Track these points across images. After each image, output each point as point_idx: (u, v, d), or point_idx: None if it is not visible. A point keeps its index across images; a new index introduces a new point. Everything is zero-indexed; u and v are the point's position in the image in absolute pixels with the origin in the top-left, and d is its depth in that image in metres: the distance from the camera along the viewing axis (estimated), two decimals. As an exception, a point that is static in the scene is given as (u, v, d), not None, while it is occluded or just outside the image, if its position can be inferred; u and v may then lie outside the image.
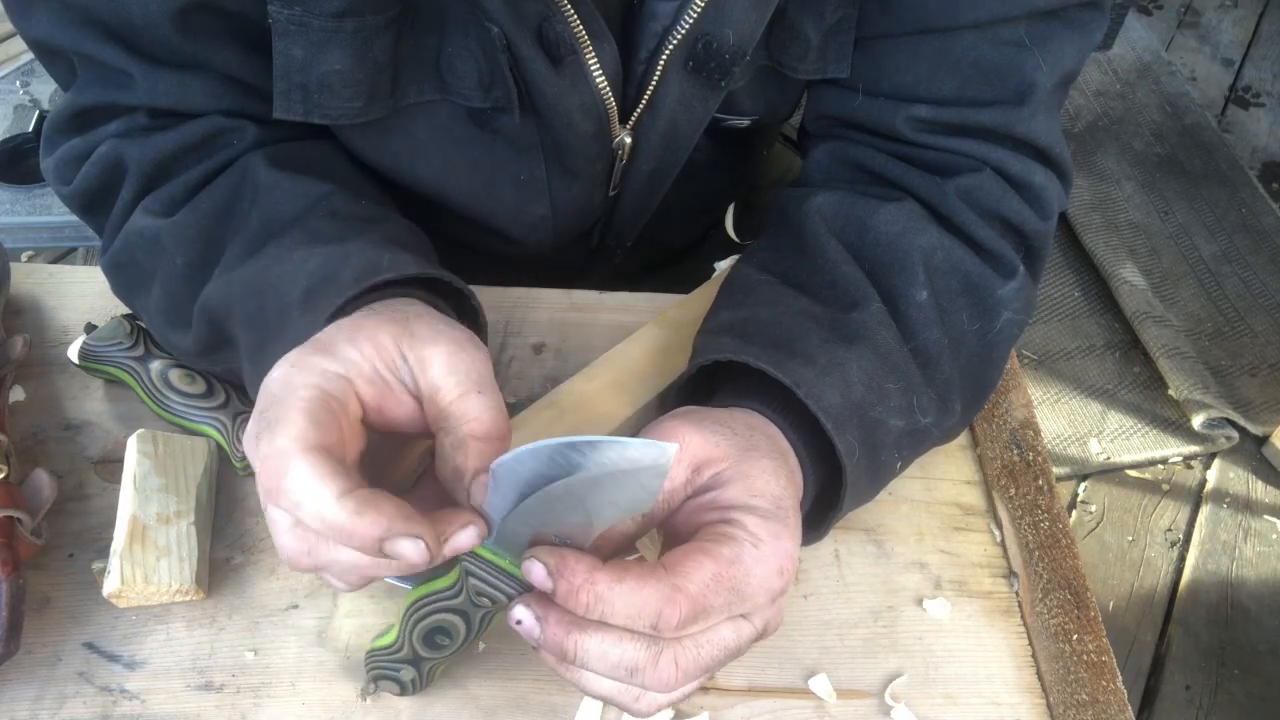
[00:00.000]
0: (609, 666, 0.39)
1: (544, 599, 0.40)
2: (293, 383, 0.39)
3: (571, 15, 0.54)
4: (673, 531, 0.45)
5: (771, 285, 0.57)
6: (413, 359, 0.42)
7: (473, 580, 0.42)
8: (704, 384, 0.54)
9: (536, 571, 0.39)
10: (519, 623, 0.40)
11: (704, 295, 0.66)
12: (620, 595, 0.38)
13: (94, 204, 0.58)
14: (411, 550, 0.37)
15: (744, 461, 0.44)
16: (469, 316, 0.54)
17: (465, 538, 0.39)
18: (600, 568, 0.39)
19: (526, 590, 0.42)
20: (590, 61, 0.56)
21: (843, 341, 0.51)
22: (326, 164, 0.59)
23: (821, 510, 0.51)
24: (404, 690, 0.48)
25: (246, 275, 0.50)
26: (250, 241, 0.52)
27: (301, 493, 0.37)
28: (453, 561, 0.42)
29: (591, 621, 0.39)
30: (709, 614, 0.40)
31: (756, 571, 0.40)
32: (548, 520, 0.39)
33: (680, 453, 0.43)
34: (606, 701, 0.43)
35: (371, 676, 0.48)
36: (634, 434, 0.43)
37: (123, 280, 0.58)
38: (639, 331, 0.64)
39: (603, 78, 0.58)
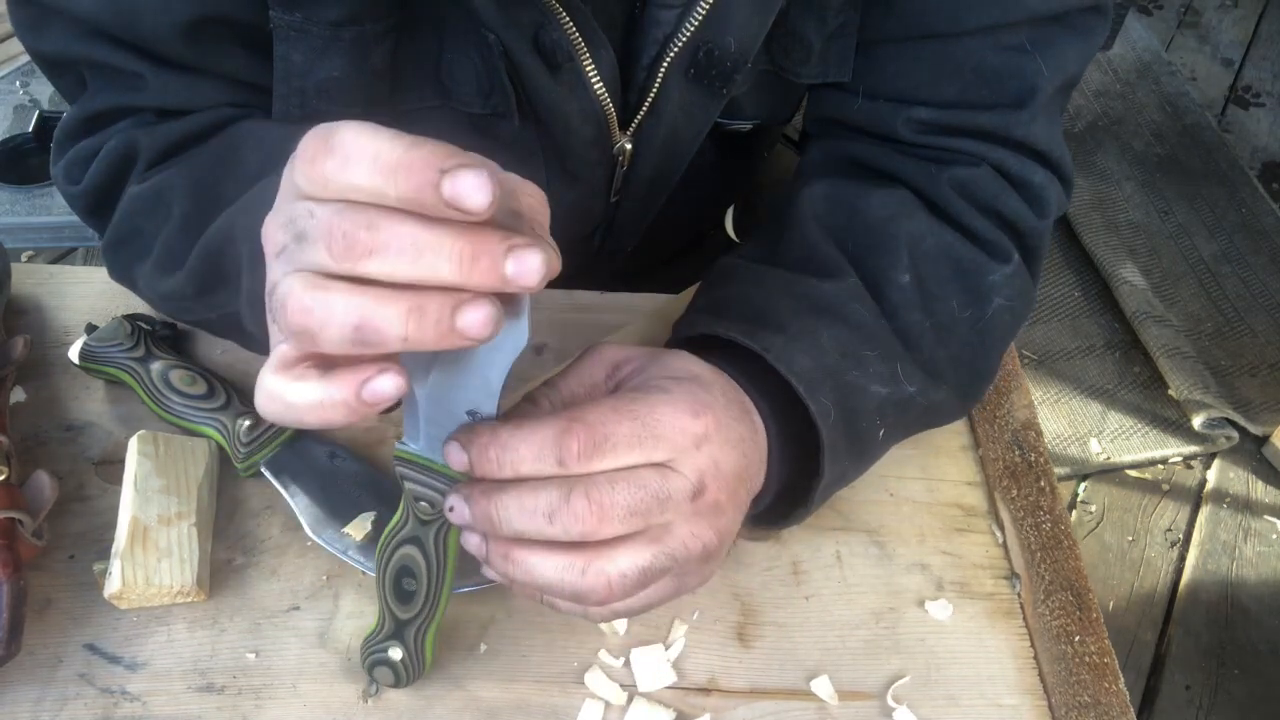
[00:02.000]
0: (527, 517, 0.39)
1: (469, 484, 0.41)
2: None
3: (567, 22, 0.54)
4: None
5: (747, 266, 0.57)
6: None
7: (409, 486, 0.42)
8: None
9: (454, 451, 0.40)
10: (451, 509, 0.41)
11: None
12: (522, 438, 0.39)
13: (102, 201, 0.58)
14: (474, 183, 0.30)
15: (660, 354, 0.46)
16: None
17: (531, 261, 0.32)
18: (502, 423, 0.39)
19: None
20: (588, 68, 0.56)
21: (814, 311, 0.52)
22: None
23: (804, 481, 0.51)
24: (399, 677, 0.48)
25: (245, 200, 0.49)
26: (249, 180, 0.50)
27: (351, 143, 0.31)
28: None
29: (507, 481, 0.40)
30: (614, 444, 0.39)
31: (664, 410, 0.40)
32: (454, 398, 0.40)
33: (598, 355, 0.46)
34: (556, 593, 0.41)
35: (365, 668, 0.48)
36: None
37: (123, 257, 0.58)
38: (630, 326, 0.64)
39: (601, 84, 0.58)
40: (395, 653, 0.48)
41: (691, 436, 0.41)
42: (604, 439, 0.39)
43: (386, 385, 0.33)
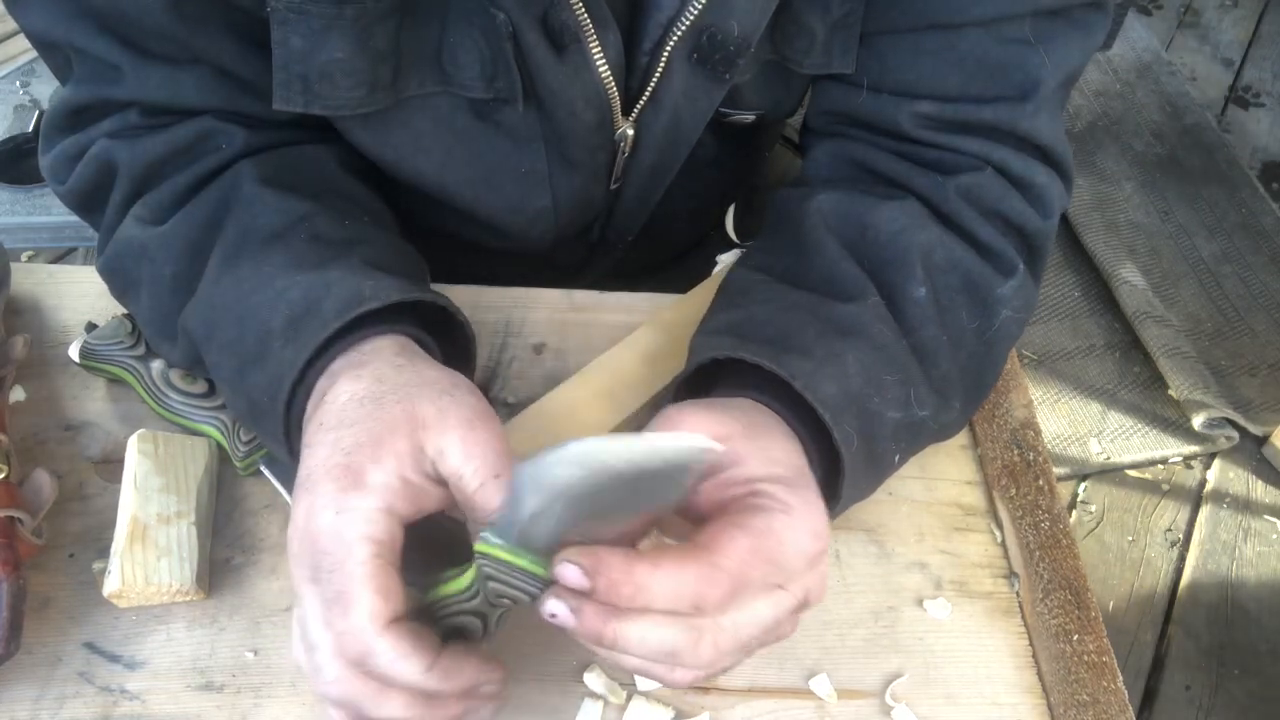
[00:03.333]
0: (649, 651, 0.39)
1: (576, 598, 0.40)
2: (345, 537, 0.40)
3: (577, 2, 0.54)
4: (694, 512, 0.45)
5: (768, 284, 0.57)
6: (431, 450, 0.43)
7: (492, 584, 0.41)
8: (701, 385, 0.54)
9: (570, 574, 0.38)
10: (553, 615, 0.40)
11: (699, 296, 0.66)
12: (660, 581, 0.38)
13: (90, 202, 0.58)
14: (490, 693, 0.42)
15: (756, 435, 0.45)
16: (458, 330, 0.54)
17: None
18: (636, 558, 0.38)
19: (547, 585, 0.41)
20: (594, 50, 0.56)
21: (839, 334, 0.51)
22: (315, 175, 0.58)
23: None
24: None
25: (225, 299, 0.51)
26: (226, 256, 0.52)
27: (390, 667, 0.39)
28: (467, 562, 0.42)
29: (629, 609, 0.39)
30: (749, 589, 0.40)
31: (790, 539, 0.41)
32: (574, 519, 0.39)
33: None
34: (640, 673, 0.42)
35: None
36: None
37: (116, 286, 0.59)
38: (633, 335, 0.64)
39: (606, 67, 0.57)
40: None
41: (808, 559, 0.42)
42: (742, 587, 0.39)
43: None
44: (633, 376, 0.61)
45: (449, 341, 0.54)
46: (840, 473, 0.49)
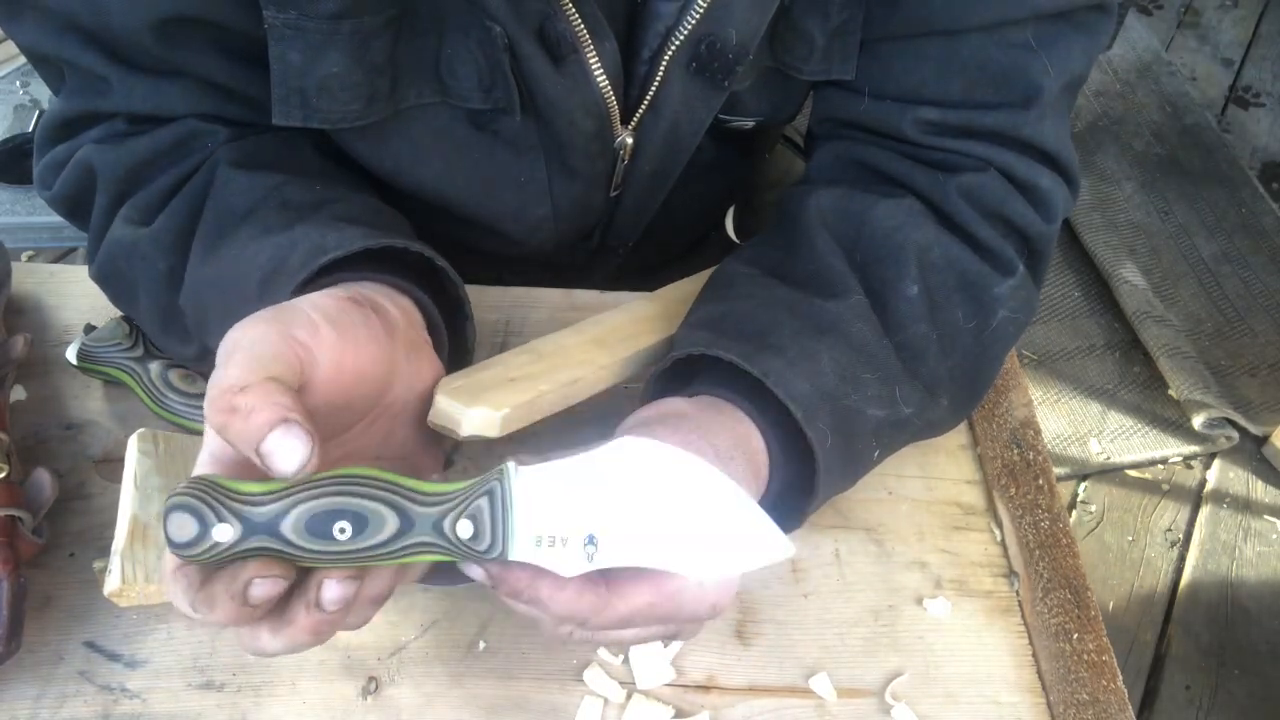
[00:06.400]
0: (520, 617, 0.42)
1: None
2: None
3: (573, 14, 0.54)
4: None
5: (753, 278, 0.57)
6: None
7: (465, 519, 0.37)
8: (679, 375, 0.54)
9: (475, 574, 0.41)
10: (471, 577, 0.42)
11: (698, 280, 0.66)
12: (559, 603, 0.40)
13: (76, 208, 0.59)
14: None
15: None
16: (448, 281, 0.53)
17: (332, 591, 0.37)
18: (542, 578, 0.40)
19: (486, 560, 0.40)
20: (591, 60, 0.56)
21: (816, 332, 0.52)
22: (287, 153, 0.58)
23: (797, 496, 0.52)
24: (197, 539, 0.35)
25: (210, 277, 0.51)
26: (206, 239, 0.52)
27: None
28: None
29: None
30: (629, 626, 0.42)
31: (690, 604, 0.42)
32: (583, 519, 0.40)
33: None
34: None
35: (168, 505, 0.35)
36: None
37: (112, 291, 0.59)
38: (628, 303, 0.64)
39: (604, 77, 0.58)
40: (224, 531, 0.35)
41: (696, 621, 0.43)
42: (625, 624, 0.42)
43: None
44: (625, 330, 0.60)
45: (443, 294, 0.54)
46: (815, 468, 0.49)
